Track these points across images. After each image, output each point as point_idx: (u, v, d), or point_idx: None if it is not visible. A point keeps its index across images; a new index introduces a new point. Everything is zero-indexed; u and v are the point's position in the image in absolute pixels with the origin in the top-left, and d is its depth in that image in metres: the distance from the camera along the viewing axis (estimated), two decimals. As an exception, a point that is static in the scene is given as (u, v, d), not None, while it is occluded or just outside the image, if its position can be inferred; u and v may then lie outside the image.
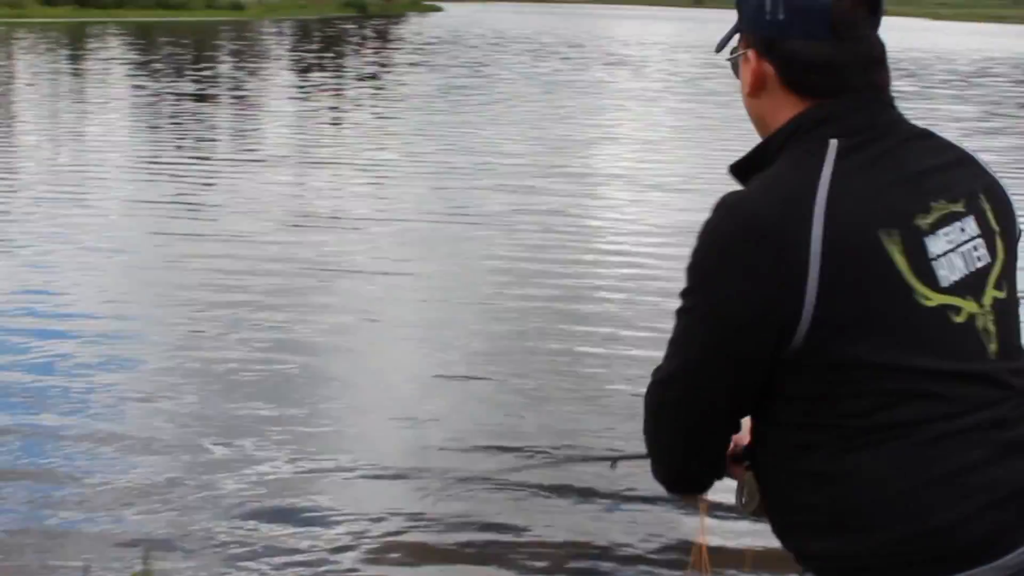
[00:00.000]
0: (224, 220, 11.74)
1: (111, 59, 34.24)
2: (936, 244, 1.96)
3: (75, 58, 35.48)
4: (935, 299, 1.94)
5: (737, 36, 2.19)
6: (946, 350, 1.93)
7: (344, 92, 27.28)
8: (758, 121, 2.15)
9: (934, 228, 1.97)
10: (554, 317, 8.62)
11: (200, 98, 24.18)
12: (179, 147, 16.99)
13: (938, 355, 1.92)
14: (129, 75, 28.88)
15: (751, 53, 2.11)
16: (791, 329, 1.90)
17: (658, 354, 2.05)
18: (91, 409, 6.55)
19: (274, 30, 62.80)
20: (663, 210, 13.14)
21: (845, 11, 2.01)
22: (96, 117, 20.72)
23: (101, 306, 8.58)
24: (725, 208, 1.97)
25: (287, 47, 48.06)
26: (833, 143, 1.97)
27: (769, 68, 2.08)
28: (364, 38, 57.25)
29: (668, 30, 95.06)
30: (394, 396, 6.95)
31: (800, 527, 2.04)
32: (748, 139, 2.11)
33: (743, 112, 2.21)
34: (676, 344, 2.04)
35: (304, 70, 34.06)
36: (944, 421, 1.91)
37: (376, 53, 44.57)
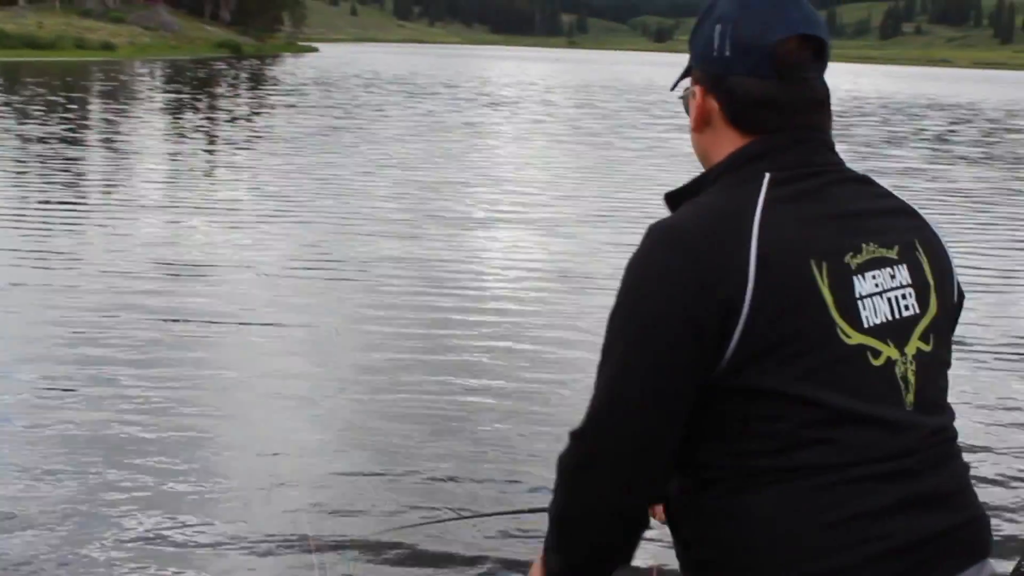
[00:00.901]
0: (90, 269, 11.34)
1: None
2: (863, 285, 1.98)
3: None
4: (855, 338, 1.95)
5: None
6: (859, 390, 1.94)
7: (215, 134, 26.90)
8: (702, 156, 2.20)
9: (862, 269, 1.99)
10: (431, 367, 8.43)
11: (67, 141, 23.64)
12: (44, 192, 16.48)
13: (850, 394, 1.93)
14: (-7, 117, 28.24)
15: (698, 89, 2.17)
16: (723, 348, 1.91)
17: (532, 402, 1.95)
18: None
19: (145, 71, 62.01)
20: (540, 253, 13.08)
21: (789, 52, 2.06)
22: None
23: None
24: (657, 233, 2.00)
25: (158, 88, 47.37)
26: (767, 176, 2.01)
27: (714, 104, 2.13)
28: (237, 79, 56.73)
29: (543, 70, 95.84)
30: (263, 457, 6.65)
31: (699, 564, 2.05)
32: (627, 179, 2.07)
33: (621, 153, 2.19)
34: (608, 385, 1.99)
35: (175, 112, 33.56)
36: (845, 468, 1.92)
37: (249, 94, 44.18)
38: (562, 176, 20.84)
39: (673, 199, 2.16)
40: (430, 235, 13.95)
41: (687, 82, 2.24)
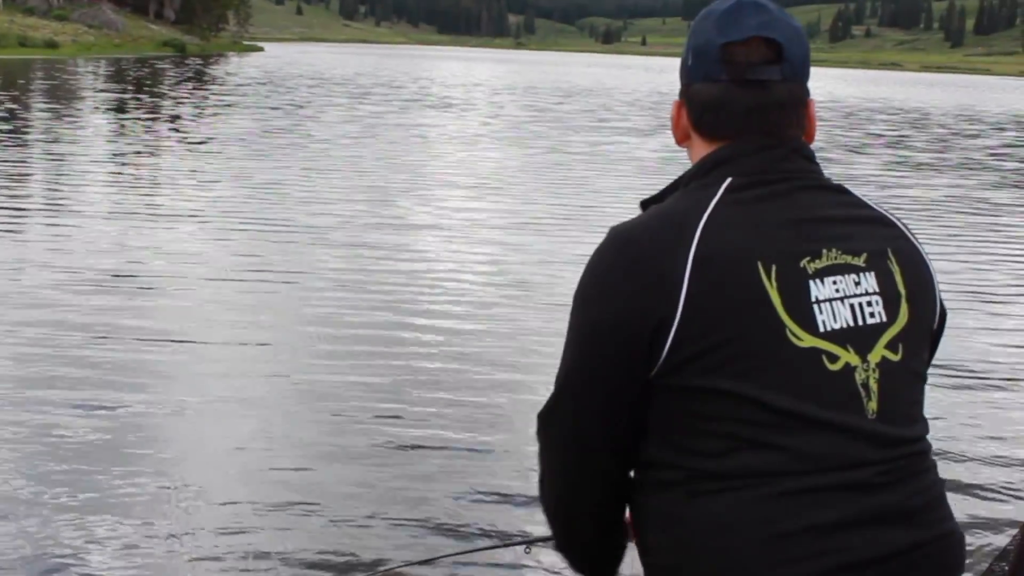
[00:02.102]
0: (21, 279, 10.85)
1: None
2: (820, 289, 1.96)
3: None
4: (808, 340, 1.93)
5: None
6: (812, 394, 1.91)
7: (155, 136, 26.35)
8: None
9: (821, 274, 1.97)
10: (379, 387, 8.03)
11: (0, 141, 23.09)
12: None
13: (802, 397, 1.90)
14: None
15: (674, 103, 2.20)
16: (657, 353, 1.93)
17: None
18: None
19: (88, 69, 61.35)
20: (486, 260, 12.74)
21: (738, 53, 2.05)
22: None
23: None
24: (610, 234, 2.05)
25: (99, 87, 46.71)
26: (728, 180, 2.02)
27: (686, 114, 2.16)
28: (180, 78, 56.13)
29: (490, 71, 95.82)
30: (204, 486, 6.20)
31: (655, 570, 2.04)
32: (574, 184, 1.80)
33: (567, 157, 1.99)
34: (560, 367, 2.09)
35: (115, 112, 33.01)
36: (798, 475, 1.88)
37: (191, 94, 43.63)
38: (508, 181, 20.55)
39: (645, 206, 2.17)
40: (375, 242, 13.58)
41: None
